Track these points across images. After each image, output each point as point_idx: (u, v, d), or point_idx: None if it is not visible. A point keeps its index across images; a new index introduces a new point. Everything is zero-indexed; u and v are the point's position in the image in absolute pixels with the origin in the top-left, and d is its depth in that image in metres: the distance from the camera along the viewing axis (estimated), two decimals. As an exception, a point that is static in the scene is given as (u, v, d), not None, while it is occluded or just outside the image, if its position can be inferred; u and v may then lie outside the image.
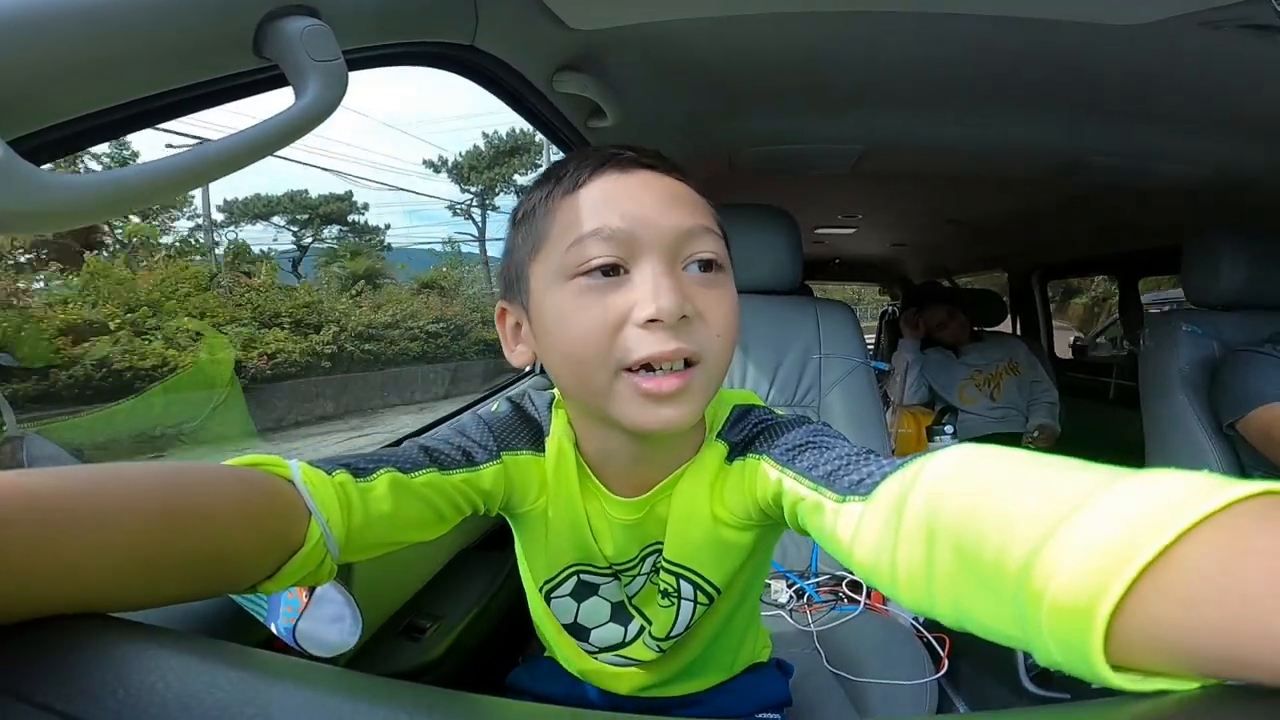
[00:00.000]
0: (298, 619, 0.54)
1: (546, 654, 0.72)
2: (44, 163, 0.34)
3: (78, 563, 0.28)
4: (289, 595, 0.54)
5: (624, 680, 0.65)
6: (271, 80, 0.48)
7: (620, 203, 0.46)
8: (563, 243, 0.46)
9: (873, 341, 4.39)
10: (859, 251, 4.07)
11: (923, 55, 1.01)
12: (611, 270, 0.45)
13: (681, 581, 0.57)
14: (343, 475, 0.43)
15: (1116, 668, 0.22)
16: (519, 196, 0.57)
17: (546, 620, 0.65)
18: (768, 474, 0.49)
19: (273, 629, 0.55)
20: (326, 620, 0.55)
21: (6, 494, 0.27)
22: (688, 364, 0.45)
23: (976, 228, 2.70)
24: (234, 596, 0.53)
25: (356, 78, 0.48)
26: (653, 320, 0.44)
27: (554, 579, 0.60)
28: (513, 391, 0.63)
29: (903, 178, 1.97)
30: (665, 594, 0.58)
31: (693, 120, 1.29)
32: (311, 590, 0.54)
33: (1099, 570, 0.22)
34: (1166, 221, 2.00)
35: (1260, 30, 0.78)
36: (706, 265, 0.47)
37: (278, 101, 0.45)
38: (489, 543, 1.01)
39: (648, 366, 0.45)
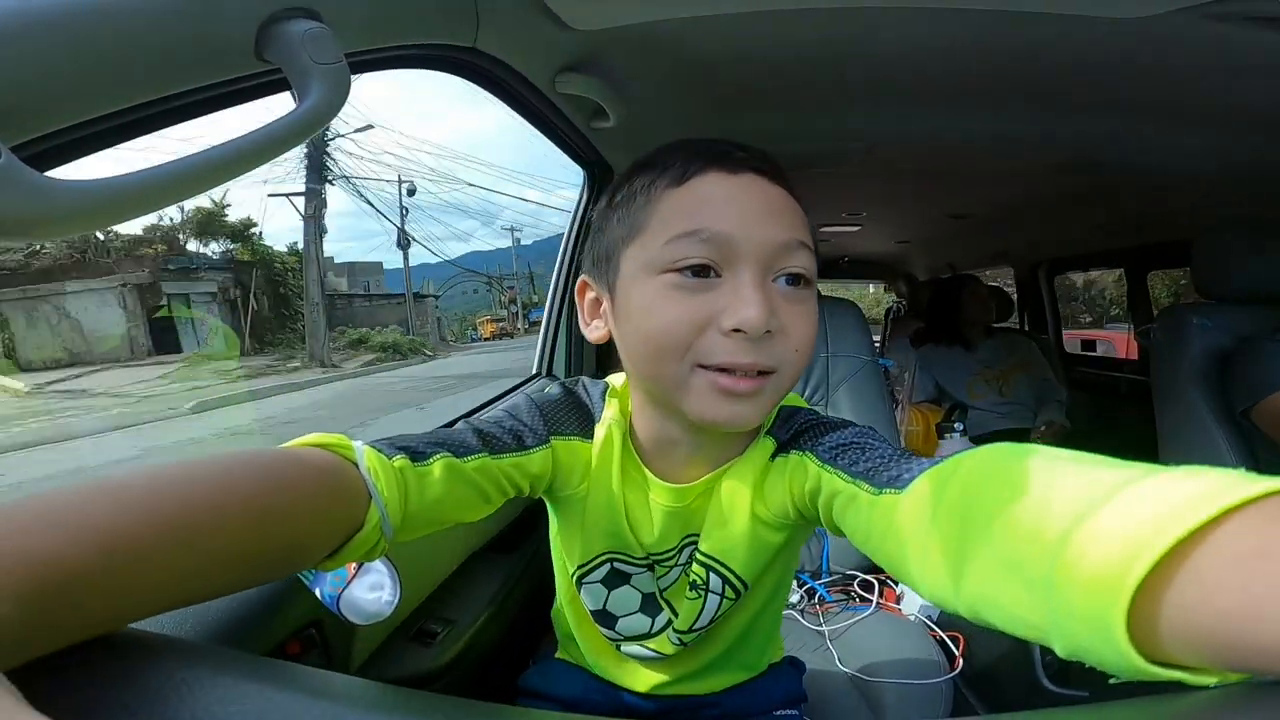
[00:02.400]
0: (344, 588, 0.55)
1: (559, 655, 0.72)
2: (47, 169, 0.34)
3: (155, 556, 0.28)
4: None
5: (642, 678, 0.65)
6: (274, 84, 0.48)
7: (722, 206, 0.47)
8: (660, 236, 0.47)
9: (879, 339, 4.37)
10: (864, 249, 4.06)
11: (926, 50, 1.00)
12: (703, 271, 0.46)
13: (711, 574, 0.57)
14: (402, 460, 0.44)
15: (1141, 656, 0.23)
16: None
17: (572, 608, 0.65)
18: (809, 469, 0.50)
19: (317, 593, 0.56)
20: (367, 589, 0.57)
21: (92, 487, 0.27)
22: (762, 372, 0.47)
23: (981, 223, 2.69)
24: None
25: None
26: (737, 330, 0.45)
27: (588, 564, 0.60)
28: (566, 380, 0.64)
29: (906, 174, 1.96)
30: (694, 585, 0.58)
31: (695, 119, 1.28)
32: (360, 563, 0.56)
33: (1126, 551, 0.23)
34: (1175, 215, 1.98)
35: (1266, 23, 0.77)
36: (796, 279, 0.48)
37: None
38: (499, 545, 1.01)
39: (725, 368, 0.46)
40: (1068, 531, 0.25)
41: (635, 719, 0.65)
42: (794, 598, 1.14)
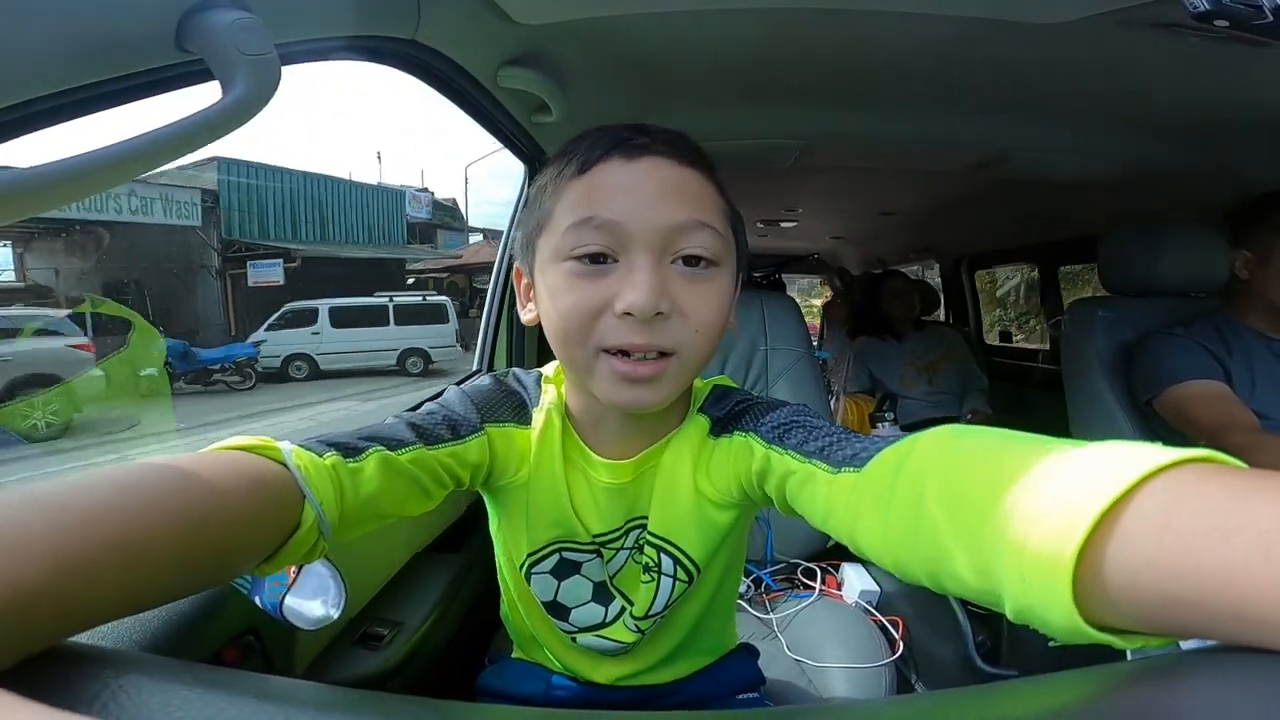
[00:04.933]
0: (285, 593, 0.54)
1: (515, 654, 0.71)
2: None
3: (96, 570, 0.27)
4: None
5: (603, 671, 0.65)
6: (195, 75, 0.45)
7: (616, 193, 0.48)
8: (561, 225, 0.49)
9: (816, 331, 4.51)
10: (800, 245, 4.18)
11: (860, 53, 1.04)
12: (600, 258, 0.48)
13: (663, 555, 0.58)
14: (333, 457, 0.43)
15: (1083, 619, 0.25)
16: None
17: (524, 604, 0.65)
18: (754, 449, 0.51)
19: (256, 601, 0.54)
20: (311, 593, 0.55)
21: (29, 504, 0.26)
22: (664, 354, 0.48)
23: (908, 219, 2.81)
24: None
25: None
26: (628, 313, 0.46)
27: (536, 554, 0.60)
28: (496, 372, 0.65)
29: (840, 172, 2.03)
30: (647, 569, 0.59)
31: (636, 115, 1.29)
32: (299, 568, 0.55)
33: (1068, 518, 0.25)
34: (1084, 213, 2.12)
35: (1172, 29, 0.83)
36: (694, 261, 0.48)
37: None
38: (443, 544, 0.99)
39: (625, 351, 0.47)
40: (1015, 501, 0.28)
41: (600, 709, 0.65)
42: (741, 587, 1.17)
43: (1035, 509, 0.27)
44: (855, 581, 1.19)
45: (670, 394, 0.50)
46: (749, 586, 1.17)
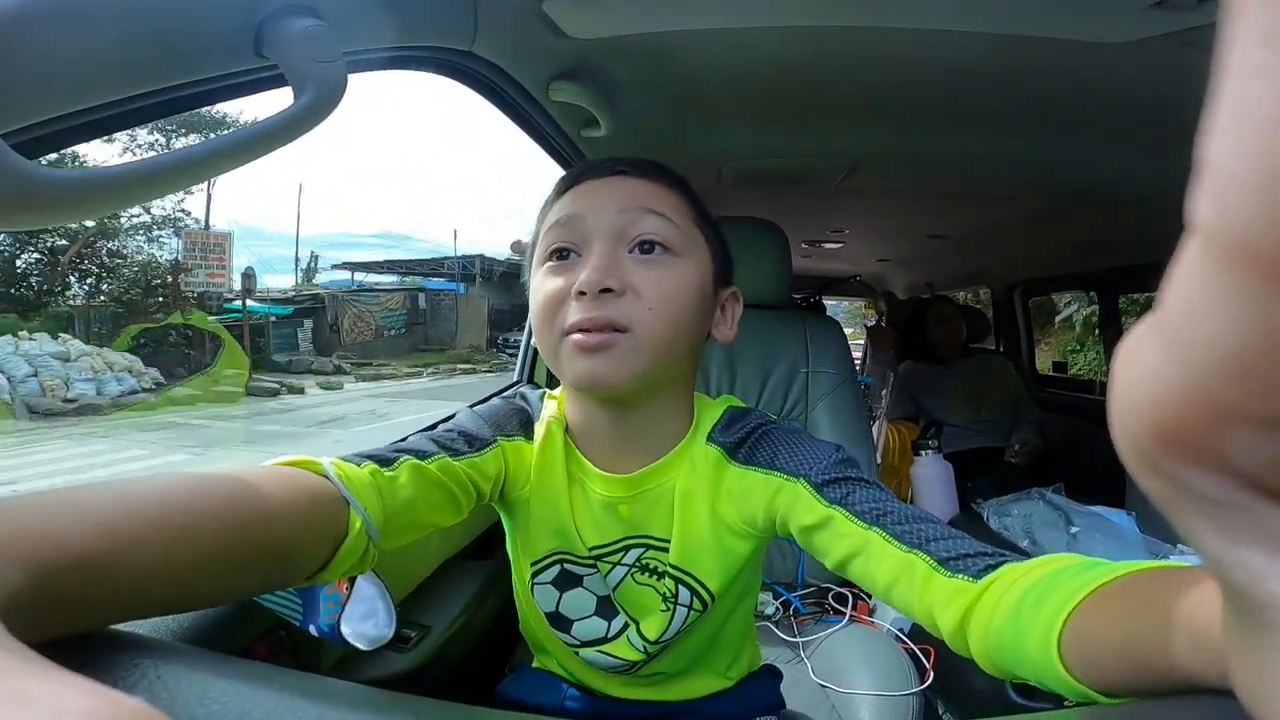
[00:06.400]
0: (340, 613, 0.55)
1: (535, 664, 0.72)
2: (38, 156, 0.33)
3: (140, 546, 0.28)
4: (328, 591, 0.56)
5: (614, 685, 0.65)
6: (270, 80, 0.48)
7: (579, 198, 0.55)
8: (541, 235, 0.56)
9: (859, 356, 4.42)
10: (844, 267, 4.12)
11: (909, 72, 1.03)
12: (565, 253, 0.54)
13: (681, 587, 0.58)
14: (370, 466, 0.46)
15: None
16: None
17: (532, 615, 0.65)
18: (801, 497, 0.52)
19: (311, 630, 0.56)
20: (363, 615, 0.57)
21: (108, 502, 0.28)
22: (619, 329, 0.50)
23: (960, 243, 2.74)
24: (264, 600, 0.56)
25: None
26: (582, 293, 0.50)
27: (538, 564, 0.61)
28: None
29: (888, 193, 1.99)
30: (665, 598, 0.59)
31: (684, 131, 1.30)
32: (352, 584, 0.57)
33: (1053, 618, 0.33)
34: (1149, 238, 2.04)
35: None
36: (647, 247, 0.53)
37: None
38: (474, 552, 1.00)
39: (581, 327, 0.50)
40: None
41: None
42: (769, 609, 1.14)
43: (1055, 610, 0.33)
44: (888, 607, 1.16)
45: (630, 373, 0.51)
46: (778, 609, 1.15)
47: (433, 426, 0.61)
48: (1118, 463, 0.14)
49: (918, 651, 1.06)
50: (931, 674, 1.02)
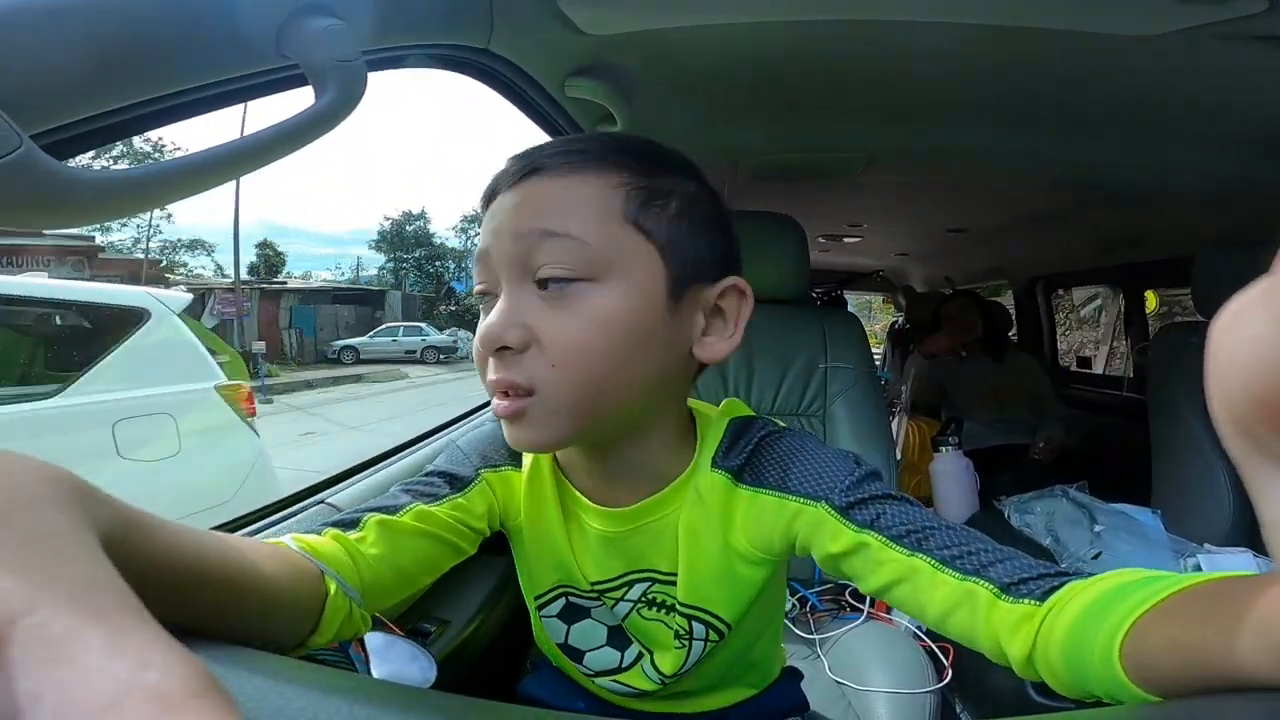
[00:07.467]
0: (367, 669, 0.55)
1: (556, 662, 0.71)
2: (66, 157, 0.34)
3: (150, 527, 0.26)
4: (354, 649, 0.54)
5: (635, 700, 0.63)
6: (291, 79, 0.48)
7: (489, 224, 0.46)
8: None
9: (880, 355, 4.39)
10: (864, 261, 4.08)
11: (926, 66, 1.02)
12: (486, 295, 0.46)
13: (694, 623, 0.55)
14: (331, 532, 0.44)
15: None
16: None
17: (544, 642, 0.64)
18: (838, 530, 0.47)
19: None
20: (402, 663, 0.57)
21: (152, 545, 0.26)
22: (526, 393, 0.43)
23: (978, 237, 2.71)
24: None
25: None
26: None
27: (543, 596, 0.59)
28: None
29: (907, 187, 1.97)
30: (678, 635, 0.56)
31: (700, 126, 1.29)
32: (362, 644, 0.55)
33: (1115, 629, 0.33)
34: (1174, 233, 2.00)
35: (1270, 42, 0.78)
36: (546, 284, 0.43)
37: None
38: (493, 546, 1.00)
39: (496, 391, 0.44)
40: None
41: None
42: (786, 606, 1.14)
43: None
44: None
45: (550, 439, 0.45)
46: (794, 605, 1.14)
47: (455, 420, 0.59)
48: (1144, 460, 0.14)
49: (936, 649, 1.05)
50: (949, 672, 1.01)
